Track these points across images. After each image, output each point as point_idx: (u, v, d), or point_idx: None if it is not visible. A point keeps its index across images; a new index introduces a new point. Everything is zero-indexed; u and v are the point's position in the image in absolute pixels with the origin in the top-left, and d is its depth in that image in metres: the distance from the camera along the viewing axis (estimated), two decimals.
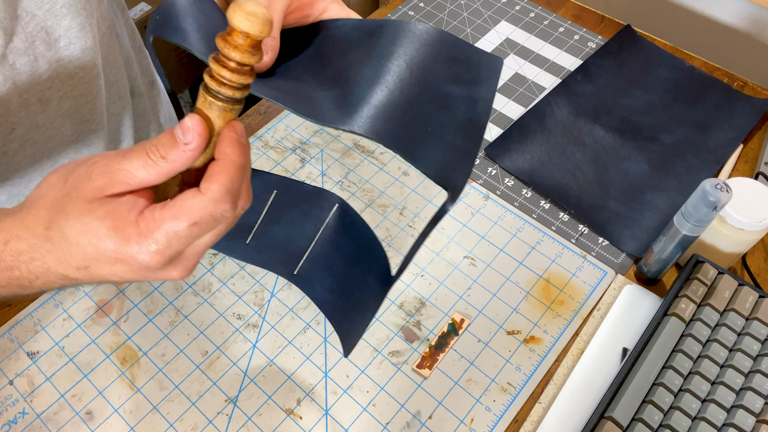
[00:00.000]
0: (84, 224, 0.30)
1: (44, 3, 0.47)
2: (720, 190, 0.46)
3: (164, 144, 0.30)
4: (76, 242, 0.30)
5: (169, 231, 0.30)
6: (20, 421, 0.49)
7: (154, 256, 0.30)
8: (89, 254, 0.30)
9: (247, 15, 0.27)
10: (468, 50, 0.37)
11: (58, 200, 0.31)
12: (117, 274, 0.31)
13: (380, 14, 0.82)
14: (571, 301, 0.56)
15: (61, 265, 0.32)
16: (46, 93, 0.51)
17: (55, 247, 0.31)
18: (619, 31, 0.78)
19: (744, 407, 0.46)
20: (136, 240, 0.30)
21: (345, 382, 0.52)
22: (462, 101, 0.36)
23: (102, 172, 0.31)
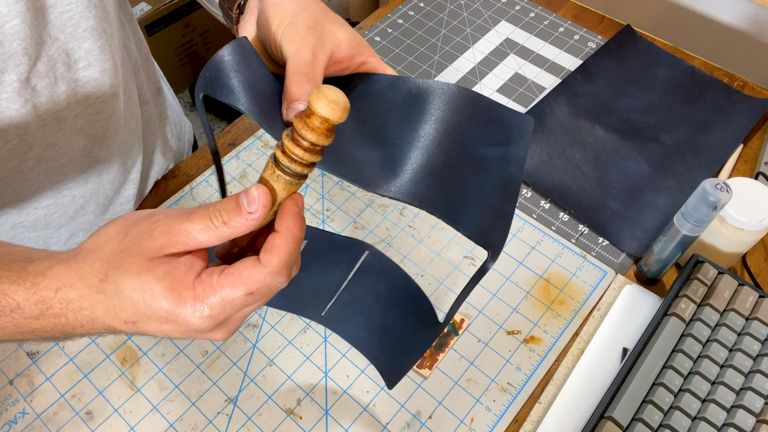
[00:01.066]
0: (141, 282, 0.31)
1: (67, 27, 0.47)
2: (720, 190, 0.46)
3: (228, 210, 0.31)
4: (130, 298, 0.31)
5: (225, 298, 0.31)
6: (20, 421, 0.49)
7: (206, 321, 0.31)
8: (141, 311, 0.31)
9: (330, 102, 0.29)
10: (500, 111, 0.38)
11: (116, 254, 0.31)
12: (164, 331, 0.32)
13: (380, 14, 0.82)
14: (571, 301, 0.56)
15: (110, 318, 0.32)
16: (63, 112, 0.51)
17: (107, 300, 0.31)
18: (619, 31, 0.78)
19: (744, 407, 0.46)
20: (191, 304, 0.31)
21: (345, 382, 0.52)
22: (496, 162, 0.37)
23: (163, 231, 0.31)
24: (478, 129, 0.37)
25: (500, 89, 0.73)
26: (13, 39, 0.44)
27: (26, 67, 0.46)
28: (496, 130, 0.38)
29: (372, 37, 0.78)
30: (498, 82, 0.74)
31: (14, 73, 0.45)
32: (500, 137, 0.38)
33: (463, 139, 0.37)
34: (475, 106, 0.38)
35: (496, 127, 0.38)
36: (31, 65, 0.46)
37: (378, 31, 0.79)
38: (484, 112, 0.38)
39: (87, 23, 0.48)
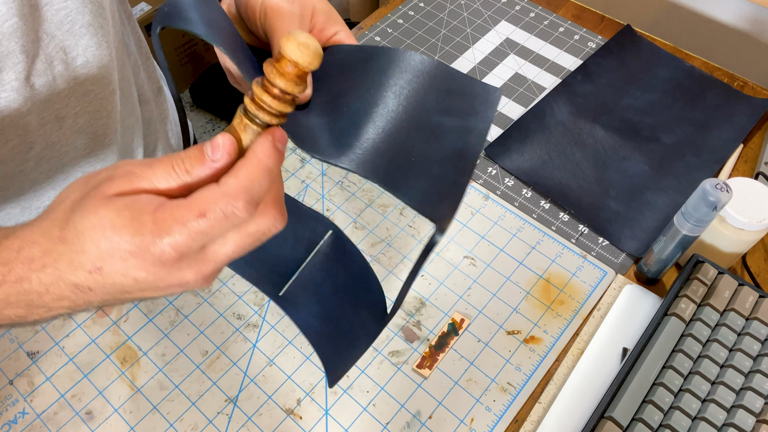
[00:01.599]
0: (100, 217, 0.29)
1: (64, 24, 0.47)
2: (720, 190, 0.46)
3: (191, 158, 0.30)
4: (91, 238, 0.29)
5: (179, 221, 0.29)
6: (20, 421, 0.49)
7: (167, 248, 0.29)
8: (103, 250, 0.29)
9: (300, 45, 0.28)
10: (464, 81, 0.37)
11: (76, 201, 0.30)
12: (131, 274, 0.30)
13: (380, 14, 0.82)
14: (571, 301, 0.56)
15: (74, 271, 0.30)
16: (62, 111, 0.51)
17: (68, 248, 0.30)
18: (619, 31, 0.78)
19: (744, 407, 0.46)
20: (150, 229, 0.29)
21: (345, 382, 0.52)
22: (454, 132, 0.36)
23: (124, 175, 0.30)
24: (437, 98, 0.36)
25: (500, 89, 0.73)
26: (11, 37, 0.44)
27: (24, 66, 0.46)
28: (458, 100, 0.37)
29: (372, 37, 0.78)
30: (498, 82, 0.74)
31: (13, 71, 0.45)
32: (462, 108, 0.36)
33: (419, 108, 0.35)
34: (437, 75, 0.36)
35: (458, 97, 0.37)
36: (30, 63, 0.46)
37: (378, 31, 0.79)
38: (447, 81, 0.36)
39: (83, 19, 0.48)
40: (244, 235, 0.31)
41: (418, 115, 0.35)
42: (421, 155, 0.34)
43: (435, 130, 0.35)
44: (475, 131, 0.36)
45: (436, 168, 0.34)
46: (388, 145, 0.34)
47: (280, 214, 0.32)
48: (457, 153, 0.35)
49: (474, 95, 0.37)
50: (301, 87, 0.29)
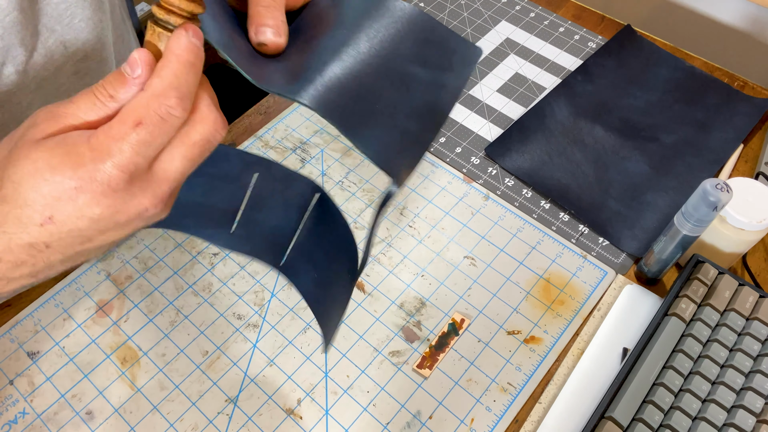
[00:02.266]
0: (33, 161, 0.27)
1: (64, 18, 0.47)
2: (720, 190, 0.46)
3: (112, 82, 0.29)
4: (31, 186, 0.27)
5: (116, 138, 0.27)
6: (20, 421, 0.49)
7: (113, 171, 0.27)
8: (48, 194, 0.27)
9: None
10: (444, 34, 0.35)
11: (4, 157, 0.29)
12: (85, 213, 0.28)
13: None
14: (571, 301, 0.56)
15: (24, 227, 0.28)
16: None
17: (10, 205, 0.28)
18: (619, 31, 0.78)
19: (744, 407, 0.46)
20: (90, 157, 0.27)
21: (345, 382, 0.52)
22: (426, 85, 0.34)
23: (46, 117, 0.28)
24: (413, 46, 0.35)
25: (500, 89, 0.73)
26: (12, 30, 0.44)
27: (23, 59, 0.46)
28: (435, 53, 0.35)
29: None
30: (498, 82, 0.74)
31: (12, 65, 0.45)
32: (438, 61, 0.35)
33: (392, 54, 0.34)
34: (417, 23, 0.35)
35: (436, 50, 0.35)
36: (28, 57, 0.46)
37: None
38: (426, 31, 0.35)
39: (83, 13, 0.49)
40: (188, 146, 0.30)
41: (390, 61, 0.34)
42: (386, 103, 0.33)
43: (406, 79, 0.34)
44: (449, 87, 0.35)
45: (401, 119, 0.33)
46: (352, 87, 0.32)
47: (220, 117, 0.31)
48: (426, 106, 0.34)
49: (453, 50, 0.36)
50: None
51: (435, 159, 0.66)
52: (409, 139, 0.33)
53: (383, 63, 0.34)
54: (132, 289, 0.56)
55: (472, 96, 0.72)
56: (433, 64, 0.35)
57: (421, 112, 0.34)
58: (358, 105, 0.32)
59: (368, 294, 0.57)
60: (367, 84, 0.33)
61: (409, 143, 0.33)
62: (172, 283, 0.57)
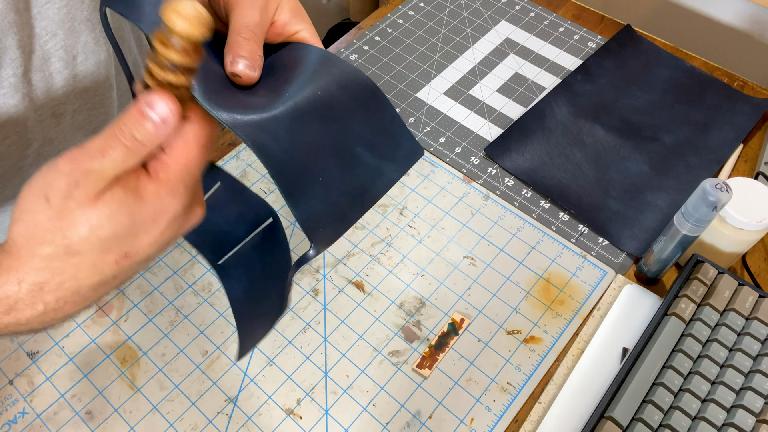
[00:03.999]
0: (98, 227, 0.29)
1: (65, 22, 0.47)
2: (720, 190, 0.46)
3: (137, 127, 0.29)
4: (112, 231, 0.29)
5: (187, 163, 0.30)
6: (20, 420, 0.49)
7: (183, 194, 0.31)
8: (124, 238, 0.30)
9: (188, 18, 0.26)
10: (399, 128, 0.37)
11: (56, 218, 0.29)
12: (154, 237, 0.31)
13: (380, 14, 0.82)
14: (571, 301, 0.56)
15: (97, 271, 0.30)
16: (60, 108, 0.51)
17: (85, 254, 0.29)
18: (619, 31, 0.78)
19: (744, 407, 0.46)
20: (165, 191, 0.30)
21: (345, 382, 0.52)
22: (367, 170, 0.36)
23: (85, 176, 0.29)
24: (367, 130, 0.36)
25: (500, 89, 0.73)
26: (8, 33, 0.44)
27: (21, 62, 0.46)
28: (385, 142, 0.37)
29: (372, 36, 0.78)
30: (498, 82, 0.74)
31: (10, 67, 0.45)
32: (385, 150, 0.37)
33: (345, 130, 0.35)
34: (378, 109, 0.36)
35: (387, 140, 0.37)
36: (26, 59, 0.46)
37: (378, 31, 0.79)
38: (385, 120, 0.37)
39: (82, 15, 0.49)
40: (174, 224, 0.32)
41: (343, 138, 0.35)
42: (328, 177, 0.34)
43: (352, 160, 0.36)
44: (385, 177, 0.37)
45: (336, 195, 0.35)
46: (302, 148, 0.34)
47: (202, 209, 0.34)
48: (361, 190, 0.36)
49: (400, 144, 0.38)
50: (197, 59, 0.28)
51: (435, 159, 0.66)
52: (338, 215, 0.35)
53: (337, 139, 0.35)
54: (132, 288, 0.56)
55: (472, 96, 0.72)
56: (380, 152, 0.37)
57: (355, 194, 0.35)
58: (302, 171, 0.33)
59: (368, 294, 0.57)
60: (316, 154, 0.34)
61: (337, 218, 0.35)
62: (172, 283, 0.57)
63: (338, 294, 0.57)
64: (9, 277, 0.30)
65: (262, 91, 0.36)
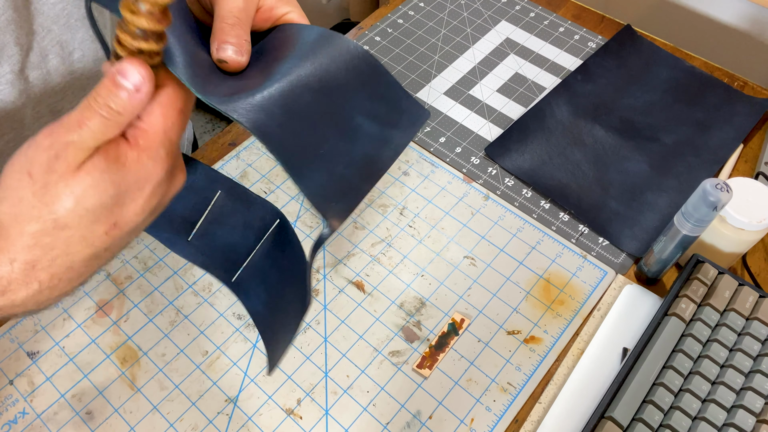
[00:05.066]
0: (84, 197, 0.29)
1: (60, 18, 0.47)
2: (720, 190, 0.46)
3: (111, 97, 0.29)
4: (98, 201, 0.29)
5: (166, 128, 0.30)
6: (20, 421, 0.49)
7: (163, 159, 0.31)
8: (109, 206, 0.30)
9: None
10: (398, 93, 0.37)
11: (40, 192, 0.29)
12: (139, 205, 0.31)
13: (380, 14, 0.82)
14: (571, 301, 0.56)
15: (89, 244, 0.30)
16: (58, 104, 0.51)
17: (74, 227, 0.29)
18: (619, 31, 0.78)
19: (744, 407, 0.46)
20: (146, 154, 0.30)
21: (345, 382, 0.52)
22: (370, 139, 0.35)
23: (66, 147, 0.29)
24: (365, 99, 0.36)
25: (500, 89, 0.73)
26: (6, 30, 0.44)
27: (19, 58, 0.46)
28: (386, 109, 0.36)
29: (372, 36, 0.78)
30: (498, 82, 0.74)
31: (8, 64, 0.45)
32: (387, 118, 0.36)
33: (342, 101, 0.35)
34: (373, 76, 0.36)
35: (387, 107, 0.36)
36: (24, 56, 0.46)
37: (378, 31, 0.79)
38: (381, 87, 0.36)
39: (79, 12, 0.49)
40: None
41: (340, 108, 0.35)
42: (330, 150, 0.34)
43: (353, 130, 0.35)
44: (393, 144, 0.36)
45: (341, 167, 0.34)
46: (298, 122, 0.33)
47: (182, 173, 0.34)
48: (367, 159, 0.35)
49: (403, 109, 0.37)
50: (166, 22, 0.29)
51: (435, 159, 0.66)
52: (348, 186, 0.34)
53: (333, 109, 0.34)
54: (132, 289, 0.56)
55: (472, 96, 0.72)
56: (382, 120, 0.36)
57: (361, 164, 0.35)
58: (302, 144, 0.33)
59: (368, 294, 0.57)
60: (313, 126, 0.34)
61: (347, 191, 0.34)
62: (172, 283, 0.57)
63: (338, 294, 0.57)
64: (0, 258, 0.29)
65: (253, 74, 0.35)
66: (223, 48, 0.34)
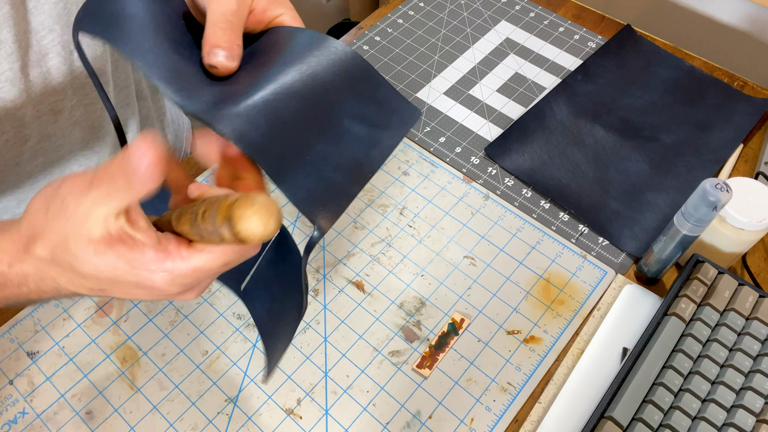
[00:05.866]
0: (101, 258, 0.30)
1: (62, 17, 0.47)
2: (720, 190, 0.46)
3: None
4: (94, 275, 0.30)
5: (200, 270, 0.31)
6: (20, 420, 0.49)
7: (177, 287, 0.31)
8: (106, 279, 0.30)
9: (265, 224, 0.27)
10: (388, 94, 0.36)
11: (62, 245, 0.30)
12: (133, 295, 0.32)
13: (380, 14, 0.82)
14: (571, 301, 0.56)
15: (75, 287, 0.32)
16: (59, 104, 0.51)
17: (66, 272, 0.31)
18: (619, 31, 0.78)
19: (744, 407, 0.46)
20: (161, 269, 0.30)
21: (345, 382, 0.52)
22: (359, 141, 0.35)
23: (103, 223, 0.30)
24: (353, 102, 0.35)
25: (500, 89, 0.73)
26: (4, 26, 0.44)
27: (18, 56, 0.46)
28: (375, 111, 0.36)
29: (372, 36, 0.78)
30: (498, 82, 0.74)
31: (6, 62, 0.45)
32: (377, 119, 0.36)
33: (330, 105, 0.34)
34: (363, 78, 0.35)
35: (377, 108, 0.36)
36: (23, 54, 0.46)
37: (378, 31, 0.79)
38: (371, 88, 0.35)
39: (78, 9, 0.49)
40: None
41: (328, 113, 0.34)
42: (317, 155, 0.33)
43: (341, 134, 0.35)
44: (381, 145, 0.35)
45: (328, 171, 0.34)
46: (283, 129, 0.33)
47: None
48: (356, 162, 0.34)
49: (393, 110, 0.36)
50: None
51: (435, 159, 0.66)
52: (335, 190, 0.34)
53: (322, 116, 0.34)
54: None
55: (472, 96, 0.72)
56: (371, 122, 0.35)
57: (350, 167, 0.34)
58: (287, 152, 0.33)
59: (368, 294, 0.57)
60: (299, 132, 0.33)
61: (335, 194, 0.34)
62: None
63: (338, 294, 0.57)
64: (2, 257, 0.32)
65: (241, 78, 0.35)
66: (214, 53, 0.34)
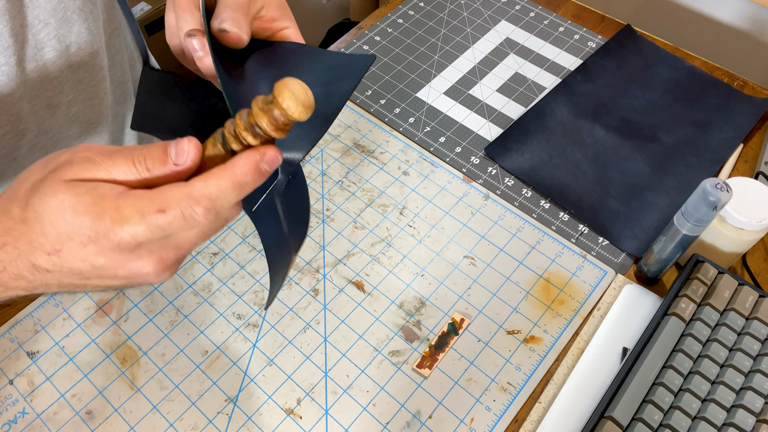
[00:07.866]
0: (60, 201, 0.29)
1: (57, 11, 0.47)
2: (720, 190, 0.46)
3: (153, 158, 0.30)
4: (51, 221, 0.29)
5: (140, 211, 0.29)
6: (20, 420, 0.49)
7: (126, 236, 0.29)
8: (63, 233, 0.29)
9: (300, 105, 0.28)
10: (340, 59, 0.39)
11: (36, 183, 0.30)
12: (89, 259, 0.30)
13: (380, 14, 0.82)
14: (571, 301, 0.56)
15: (33, 250, 0.30)
16: (56, 98, 0.51)
17: (29, 229, 0.30)
18: (619, 30, 0.78)
19: (744, 407, 0.46)
20: (111, 216, 0.29)
21: (345, 381, 0.52)
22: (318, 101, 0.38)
23: (83, 161, 0.30)
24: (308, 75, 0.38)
25: (500, 89, 0.73)
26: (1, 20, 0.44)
27: (14, 50, 0.46)
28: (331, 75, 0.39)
29: (372, 36, 0.78)
30: (498, 82, 0.74)
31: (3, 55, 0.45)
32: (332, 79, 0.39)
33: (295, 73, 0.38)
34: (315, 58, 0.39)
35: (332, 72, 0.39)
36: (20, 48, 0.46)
37: (378, 31, 0.79)
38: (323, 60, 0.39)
39: (74, 4, 0.49)
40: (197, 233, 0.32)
41: None
42: None
43: None
44: (336, 95, 0.38)
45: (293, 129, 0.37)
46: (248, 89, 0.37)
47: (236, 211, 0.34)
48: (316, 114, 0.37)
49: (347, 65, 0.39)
50: (285, 133, 0.30)
51: (435, 159, 0.66)
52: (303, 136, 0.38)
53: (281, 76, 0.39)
54: (131, 288, 0.56)
55: (472, 96, 0.72)
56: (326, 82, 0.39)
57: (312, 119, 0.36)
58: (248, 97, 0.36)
59: (368, 294, 0.57)
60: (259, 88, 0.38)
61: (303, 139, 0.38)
62: (172, 283, 0.57)
63: (338, 294, 0.57)
64: None
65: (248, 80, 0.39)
66: (224, 20, 0.37)
